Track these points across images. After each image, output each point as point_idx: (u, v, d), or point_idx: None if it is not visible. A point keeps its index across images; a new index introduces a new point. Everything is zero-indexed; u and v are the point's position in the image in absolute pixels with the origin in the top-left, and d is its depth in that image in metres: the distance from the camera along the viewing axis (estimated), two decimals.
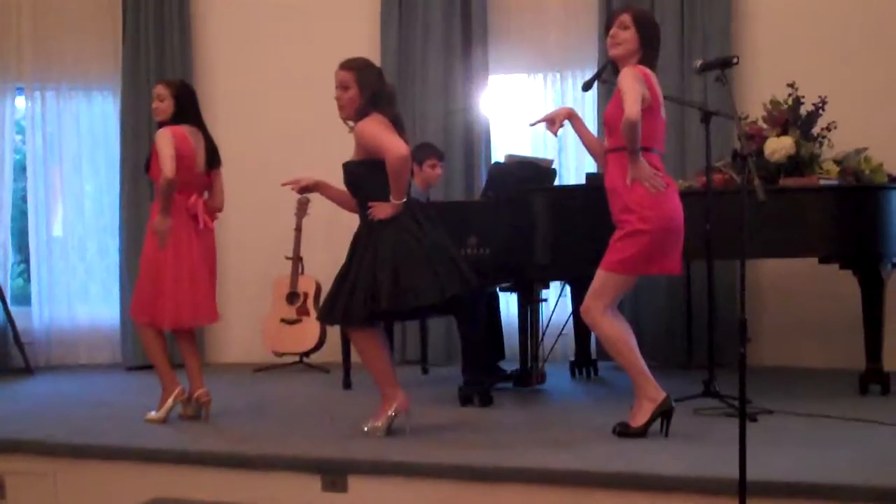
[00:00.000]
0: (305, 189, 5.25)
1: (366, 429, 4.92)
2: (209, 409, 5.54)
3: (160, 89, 5.60)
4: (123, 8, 8.25)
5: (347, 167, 4.98)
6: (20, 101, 8.47)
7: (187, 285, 5.46)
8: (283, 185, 5.22)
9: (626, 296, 5.02)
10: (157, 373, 5.58)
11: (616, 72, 4.83)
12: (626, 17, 4.76)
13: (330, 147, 5.21)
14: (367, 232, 4.89)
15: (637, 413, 4.74)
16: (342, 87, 4.94)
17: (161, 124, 5.54)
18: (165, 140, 5.38)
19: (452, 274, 4.83)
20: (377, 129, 4.85)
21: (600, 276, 4.75)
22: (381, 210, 4.82)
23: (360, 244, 4.90)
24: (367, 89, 4.92)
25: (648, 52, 4.76)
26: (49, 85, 8.39)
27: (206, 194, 5.62)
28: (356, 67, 4.98)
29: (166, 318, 5.46)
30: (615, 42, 4.76)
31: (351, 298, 4.82)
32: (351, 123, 4.96)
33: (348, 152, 4.97)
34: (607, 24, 4.85)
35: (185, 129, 5.51)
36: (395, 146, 4.75)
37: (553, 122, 5.03)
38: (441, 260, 4.82)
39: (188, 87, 5.70)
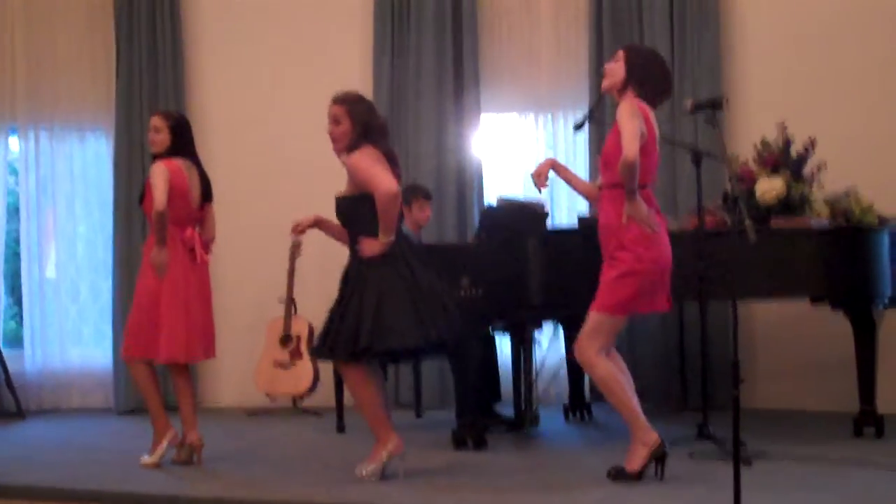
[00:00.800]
0: (308, 228, 5.26)
1: (359, 472, 4.89)
2: (201, 455, 5.51)
3: (157, 121, 5.61)
4: (117, 48, 8.26)
5: (339, 202, 5.03)
6: (14, 143, 8.48)
7: (182, 319, 5.44)
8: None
9: (619, 338, 5.01)
10: (150, 415, 5.55)
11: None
12: (619, 52, 4.85)
13: (323, 185, 5.23)
14: (357, 268, 4.92)
15: (631, 456, 4.73)
16: (334, 121, 4.99)
17: (156, 156, 5.55)
18: (160, 173, 5.39)
19: (438, 318, 4.83)
20: (367, 163, 4.89)
21: (594, 317, 4.75)
22: (369, 247, 4.83)
23: (350, 280, 4.94)
24: (359, 122, 4.96)
25: (642, 85, 4.79)
26: (42, 125, 8.38)
27: (197, 227, 5.63)
28: (348, 101, 5.04)
29: (161, 351, 5.43)
30: (605, 74, 4.85)
31: (338, 334, 4.85)
32: (344, 157, 4.99)
33: (342, 188, 5.00)
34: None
35: (179, 163, 5.52)
36: (384, 182, 4.78)
37: (539, 176, 5.07)
38: (428, 303, 4.83)
39: (184, 120, 5.73)
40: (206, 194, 5.66)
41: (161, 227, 5.35)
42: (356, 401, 5.00)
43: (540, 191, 5.13)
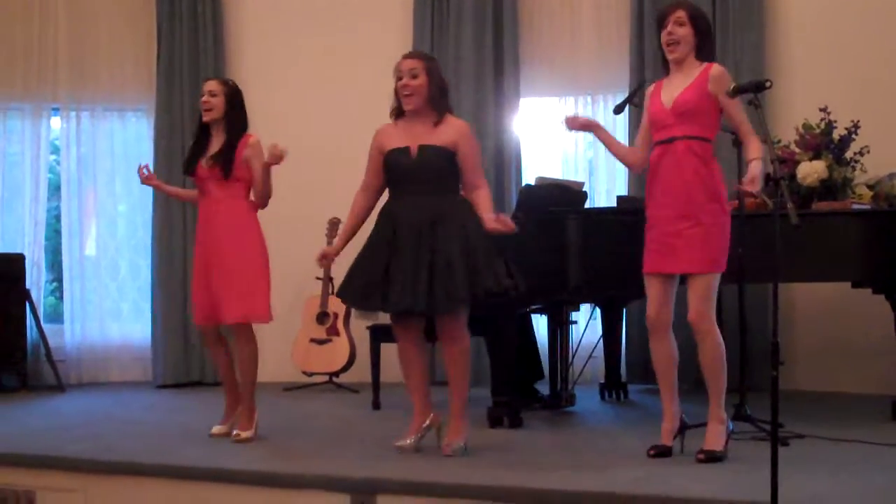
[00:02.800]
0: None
1: (451, 451, 4.89)
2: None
3: (213, 85, 5.60)
4: (158, 30, 8.34)
5: (445, 153, 4.90)
6: (55, 122, 8.56)
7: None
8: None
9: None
10: (249, 388, 5.58)
11: (667, 70, 4.83)
12: (681, 14, 4.72)
13: (360, 168, 5.22)
14: (448, 211, 4.86)
15: (716, 437, 4.70)
16: (411, 74, 4.89)
17: (206, 122, 5.55)
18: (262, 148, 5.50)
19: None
20: (479, 152, 5.06)
21: (706, 280, 4.65)
22: (505, 224, 4.79)
23: (445, 224, 4.83)
24: (435, 80, 4.93)
25: (707, 48, 4.77)
26: (84, 106, 8.48)
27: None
28: (424, 57, 5.06)
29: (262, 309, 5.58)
30: (673, 39, 4.71)
31: (450, 278, 4.75)
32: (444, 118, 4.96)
33: None
34: (660, 20, 4.80)
35: None
36: (483, 178, 4.98)
37: (574, 121, 5.04)
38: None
39: (239, 90, 5.68)
40: None
41: (267, 178, 5.52)
42: (466, 358, 4.98)
43: (570, 128, 5.07)
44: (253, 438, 5.44)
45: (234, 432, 5.48)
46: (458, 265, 4.74)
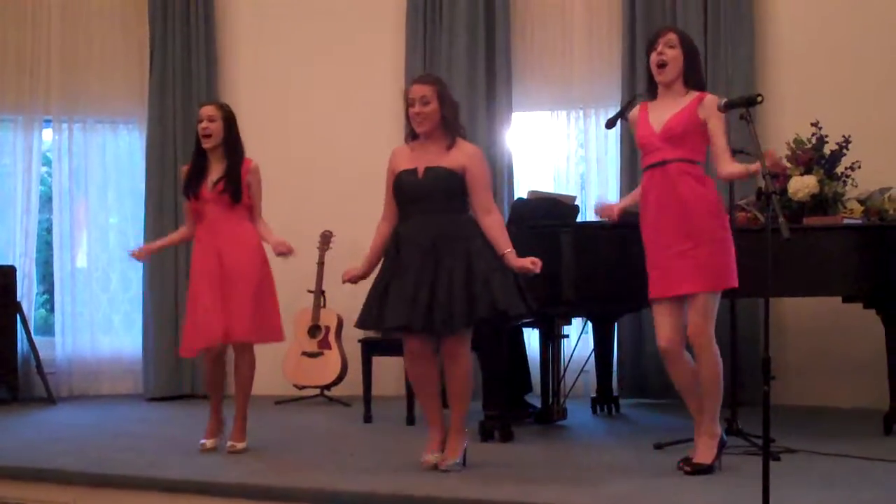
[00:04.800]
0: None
1: (446, 466, 4.87)
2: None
3: (211, 110, 5.58)
4: (151, 42, 8.35)
5: (446, 173, 4.88)
6: (47, 134, 8.55)
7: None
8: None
9: (650, 332, 4.98)
10: (243, 402, 5.62)
11: (653, 94, 4.84)
12: (672, 36, 4.73)
13: (354, 178, 5.24)
14: (450, 232, 4.84)
15: (706, 450, 4.70)
16: (423, 101, 4.88)
17: (206, 148, 5.54)
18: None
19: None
20: (489, 176, 5.06)
21: (705, 298, 4.64)
22: (535, 265, 4.77)
23: (446, 242, 4.82)
24: (447, 104, 4.93)
25: (694, 72, 4.78)
26: (76, 118, 8.47)
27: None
28: (436, 81, 5.02)
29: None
30: (662, 60, 4.72)
31: (450, 303, 4.74)
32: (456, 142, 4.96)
33: (373, 186, 4.98)
34: (650, 44, 4.80)
35: None
36: (493, 204, 4.94)
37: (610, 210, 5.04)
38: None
39: (233, 113, 5.69)
40: None
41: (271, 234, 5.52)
42: (466, 378, 4.96)
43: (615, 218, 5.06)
44: (246, 449, 5.47)
45: (230, 444, 5.48)
46: (457, 290, 4.73)
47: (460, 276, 4.74)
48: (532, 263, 4.74)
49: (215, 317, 5.40)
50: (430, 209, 4.88)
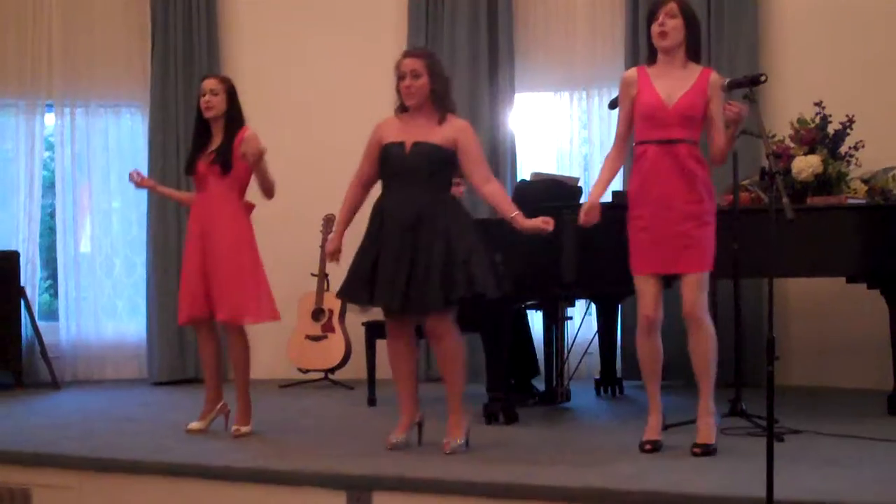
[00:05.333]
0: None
1: (450, 448, 4.89)
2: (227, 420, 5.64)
3: (213, 83, 5.58)
4: (152, 27, 8.32)
5: (441, 152, 4.89)
6: (49, 118, 8.54)
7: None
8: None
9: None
10: (213, 381, 5.68)
11: (652, 60, 4.83)
12: (672, 6, 4.71)
13: (356, 164, 5.21)
14: (431, 211, 4.84)
15: (709, 430, 4.74)
16: (413, 74, 4.88)
17: (209, 119, 5.54)
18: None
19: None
20: (480, 147, 5.02)
21: (699, 277, 4.70)
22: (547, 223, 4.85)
23: (426, 221, 4.83)
24: (438, 79, 4.92)
25: (696, 43, 4.78)
26: (78, 102, 8.46)
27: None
28: (426, 55, 5.01)
29: (264, 311, 5.59)
30: (663, 30, 4.70)
31: (427, 283, 4.76)
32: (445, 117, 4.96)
33: None
34: (652, 12, 4.78)
35: None
36: (488, 171, 4.99)
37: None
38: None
39: (234, 85, 5.69)
40: None
41: (263, 167, 5.45)
42: (457, 365, 4.96)
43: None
44: (251, 432, 5.46)
45: (234, 427, 5.50)
46: (434, 271, 4.75)
47: (440, 255, 4.76)
48: (544, 222, 4.79)
49: (193, 291, 5.49)
50: (413, 183, 4.88)
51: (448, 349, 4.93)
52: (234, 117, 5.56)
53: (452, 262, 4.75)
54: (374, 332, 6.63)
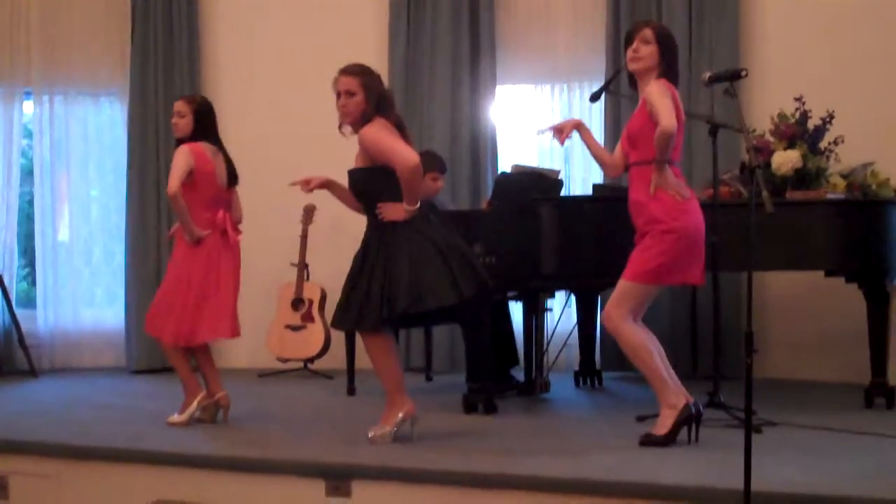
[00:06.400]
0: (317, 188, 5.14)
1: (371, 435, 4.90)
2: (228, 413, 5.59)
3: (181, 105, 5.59)
4: (132, 14, 8.28)
5: (354, 175, 4.94)
6: (28, 106, 8.49)
7: (212, 300, 5.50)
8: (292, 184, 5.15)
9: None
10: (179, 377, 5.59)
11: (632, 84, 4.86)
12: (647, 32, 4.78)
13: (336, 155, 5.20)
14: (378, 235, 4.85)
15: (660, 422, 4.75)
16: (347, 93, 4.86)
17: (179, 140, 5.54)
18: (182, 156, 5.42)
19: (467, 273, 4.80)
20: (383, 135, 4.81)
21: (623, 285, 4.75)
22: (392, 212, 4.79)
23: (372, 248, 4.86)
24: (373, 94, 4.87)
25: (670, 66, 4.79)
26: (57, 89, 8.40)
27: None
28: (360, 72, 4.92)
29: (169, 334, 5.49)
30: (637, 56, 4.77)
31: (366, 302, 4.78)
32: (348, 129, 4.95)
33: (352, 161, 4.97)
34: (628, 38, 4.85)
35: (203, 147, 5.52)
36: (404, 156, 4.72)
37: (561, 132, 5.06)
38: (456, 259, 4.79)
39: (208, 104, 5.66)
40: (232, 180, 5.67)
41: (179, 210, 5.37)
42: (376, 366, 4.94)
43: (562, 143, 5.11)
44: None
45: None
46: (356, 295, 4.84)
47: (376, 284, 4.79)
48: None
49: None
50: (365, 210, 5.00)
51: (369, 353, 4.96)
52: (200, 138, 5.55)
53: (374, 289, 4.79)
54: None
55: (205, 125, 5.58)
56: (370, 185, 4.88)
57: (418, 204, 4.80)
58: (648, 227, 4.69)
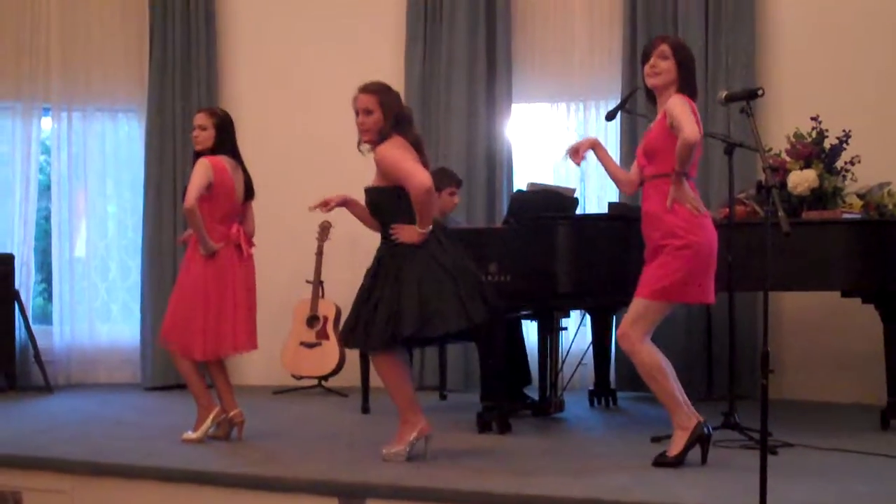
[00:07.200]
0: (336, 206, 5.14)
1: (385, 453, 4.90)
2: (242, 430, 5.58)
3: (202, 118, 5.60)
4: (150, 31, 8.33)
5: (370, 193, 4.96)
6: (46, 122, 8.54)
7: (230, 314, 5.50)
8: (312, 208, 5.17)
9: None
10: (192, 393, 5.58)
11: (650, 99, 4.85)
12: (665, 48, 4.77)
13: (354, 173, 5.21)
14: (391, 254, 4.85)
15: (673, 442, 4.73)
16: (365, 111, 4.89)
17: (199, 153, 5.56)
18: (202, 170, 5.42)
19: (476, 299, 4.79)
20: (398, 155, 4.82)
21: (638, 303, 4.72)
22: (407, 234, 4.80)
23: (383, 267, 4.87)
24: (390, 112, 4.89)
25: (688, 82, 4.78)
26: (75, 106, 8.46)
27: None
28: (378, 91, 4.94)
29: (198, 349, 5.47)
30: (655, 72, 4.76)
31: (373, 322, 4.78)
32: (366, 147, 4.96)
33: (370, 176, 4.98)
34: (645, 53, 4.84)
35: (224, 161, 5.53)
36: (418, 178, 4.73)
37: (577, 153, 5.05)
38: (466, 284, 4.79)
39: (229, 118, 5.68)
40: (249, 193, 5.68)
41: (194, 224, 5.37)
42: (386, 385, 4.94)
43: (578, 165, 5.11)
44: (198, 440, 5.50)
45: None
46: (365, 314, 4.84)
47: (384, 303, 4.79)
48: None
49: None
50: (380, 229, 5.00)
51: (378, 372, 4.98)
52: (218, 153, 5.56)
53: (382, 310, 4.79)
54: None
55: (225, 138, 5.59)
56: (385, 203, 4.90)
57: (431, 227, 4.80)
58: (665, 241, 4.66)
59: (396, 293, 4.76)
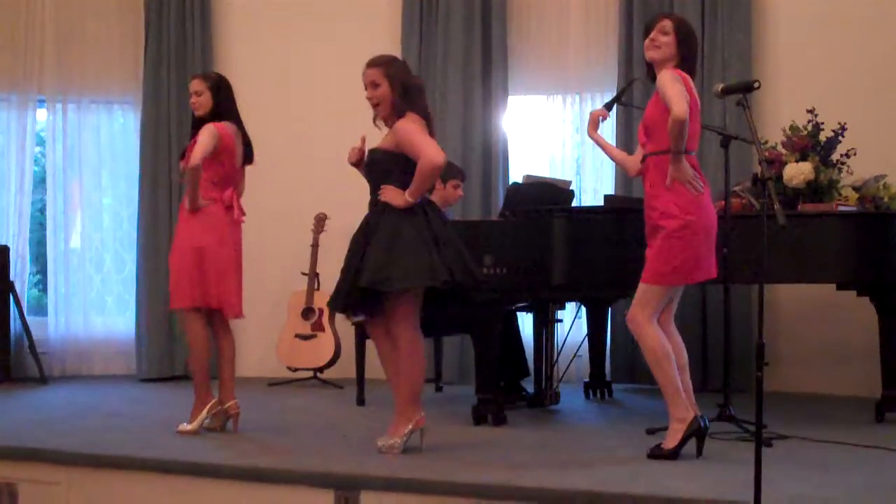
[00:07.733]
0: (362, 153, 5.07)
1: (381, 445, 4.89)
2: (238, 422, 5.57)
3: (197, 84, 5.60)
4: (146, 23, 8.31)
5: (375, 154, 4.94)
6: (41, 114, 8.52)
7: (235, 276, 5.53)
8: (354, 153, 5.08)
9: None
10: (193, 382, 5.57)
11: (652, 78, 4.83)
12: (667, 23, 4.76)
13: (349, 168, 5.20)
14: (376, 219, 4.87)
15: (670, 435, 4.73)
16: (372, 84, 4.91)
17: (200, 119, 5.54)
18: (209, 133, 5.41)
19: (454, 264, 4.77)
20: (416, 130, 4.83)
21: (643, 288, 4.71)
22: (392, 195, 4.80)
23: (362, 228, 4.91)
24: (397, 82, 4.89)
25: (686, 59, 4.77)
26: (70, 98, 8.44)
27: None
28: (383, 62, 4.96)
29: (213, 299, 5.46)
30: (654, 45, 4.75)
31: (343, 279, 4.85)
32: (391, 123, 4.94)
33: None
34: (647, 28, 4.83)
35: (229, 128, 5.53)
36: (433, 154, 4.73)
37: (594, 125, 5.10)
38: (443, 251, 4.77)
39: (224, 81, 5.68)
40: (248, 156, 5.68)
41: (191, 181, 5.35)
42: (405, 365, 4.87)
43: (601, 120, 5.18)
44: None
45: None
46: (349, 274, 4.84)
47: (366, 263, 4.78)
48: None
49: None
50: (372, 191, 4.97)
51: (401, 350, 4.89)
52: (219, 114, 5.55)
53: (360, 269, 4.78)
54: (364, 331, 6.62)
55: (223, 100, 5.59)
56: (388, 167, 4.88)
57: (419, 200, 4.81)
58: (662, 221, 4.65)
59: (366, 251, 4.79)
